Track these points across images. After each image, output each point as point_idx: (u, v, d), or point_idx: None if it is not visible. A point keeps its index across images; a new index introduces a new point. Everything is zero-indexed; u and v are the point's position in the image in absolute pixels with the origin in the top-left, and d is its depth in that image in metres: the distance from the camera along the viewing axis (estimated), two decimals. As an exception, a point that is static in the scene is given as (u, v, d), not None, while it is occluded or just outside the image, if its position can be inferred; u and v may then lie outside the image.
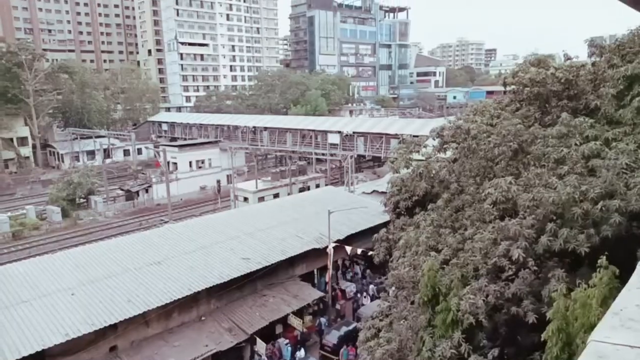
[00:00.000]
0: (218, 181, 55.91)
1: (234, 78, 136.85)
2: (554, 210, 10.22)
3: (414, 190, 16.23)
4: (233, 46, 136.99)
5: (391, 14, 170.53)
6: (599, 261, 7.44)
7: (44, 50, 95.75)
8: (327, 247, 23.01)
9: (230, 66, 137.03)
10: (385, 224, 22.47)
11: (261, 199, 42.01)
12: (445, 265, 11.59)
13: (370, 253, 20.56)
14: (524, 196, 10.70)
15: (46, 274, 19.24)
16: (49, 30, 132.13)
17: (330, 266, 23.32)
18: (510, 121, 14.07)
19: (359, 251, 23.23)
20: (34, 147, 74.77)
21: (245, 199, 43.83)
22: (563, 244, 9.45)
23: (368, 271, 29.02)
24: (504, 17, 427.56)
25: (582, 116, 12.99)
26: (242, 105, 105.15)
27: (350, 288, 26.84)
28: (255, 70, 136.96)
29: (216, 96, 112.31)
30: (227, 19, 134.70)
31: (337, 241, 23.67)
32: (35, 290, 17.94)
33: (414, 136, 20.99)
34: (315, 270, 25.95)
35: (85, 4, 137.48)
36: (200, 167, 59.48)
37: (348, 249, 22.99)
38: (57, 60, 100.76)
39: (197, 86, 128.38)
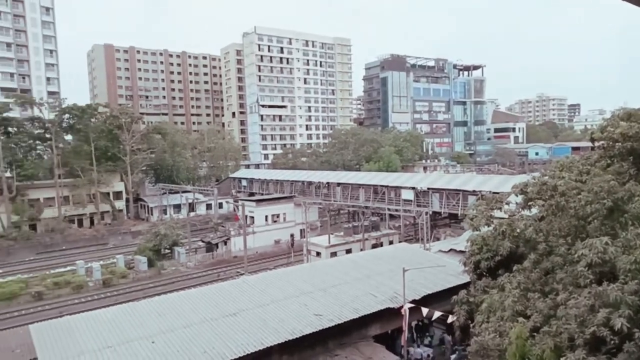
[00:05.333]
0: (292, 235, 56.82)
1: (309, 136, 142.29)
2: (663, 275, 9.18)
3: (496, 250, 15.40)
4: (309, 107, 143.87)
5: (465, 72, 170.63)
6: None
7: (141, 113, 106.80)
8: (402, 307, 22.08)
9: (306, 125, 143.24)
10: (465, 285, 21.28)
11: (333, 254, 41.83)
12: (535, 333, 10.66)
13: (450, 319, 19.42)
14: (624, 259, 9.76)
15: (130, 321, 20.20)
16: (146, 97, 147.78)
17: (405, 328, 22.24)
18: (601, 177, 13.16)
19: (436, 314, 22.00)
20: (127, 200, 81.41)
21: (318, 253, 43.90)
22: (677, 315, 8.37)
23: (445, 336, 27.25)
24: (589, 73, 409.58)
25: (688, 172, 11.85)
26: (316, 162, 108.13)
27: (426, 354, 25.25)
28: (330, 128, 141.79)
29: (292, 154, 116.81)
30: (305, 82, 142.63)
31: (413, 301, 22.67)
32: (120, 336, 18.83)
33: (494, 193, 20.16)
34: (389, 332, 24.88)
35: (179, 73, 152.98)
36: (275, 221, 61.05)
37: (424, 310, 21.88)
38: (152, 122, 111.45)
39: (275, 144, 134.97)
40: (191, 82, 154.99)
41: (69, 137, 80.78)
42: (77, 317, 20.95)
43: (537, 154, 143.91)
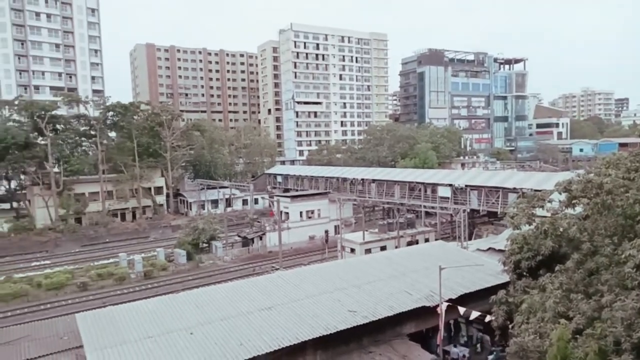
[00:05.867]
0: (326, 231, 56.93)
1: (344, 132, 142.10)
2: None
3: (537, 249, 14.91)
4: (344, 103, 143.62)
5: (506, 66, 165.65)
6: None
7: (181, 111, 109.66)
8: (437, 305, 21.76)
9: (341, 121, 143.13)
10: (503, 285, 20.74)
11: (368, 251, 41.64)
12: (578, 336, 10.26)
13: (488, 318, 18.97)
14: (677, 261, 9.23)
15: (169, 312, 20.81)
16: (186, 94, 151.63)
17: (441, 327, 21.91)
18: (653, 175, 12.49)
19: (474, 313, 21.55)
20: (167, 195, 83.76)
21: (352, 250, 43.81)
22: None
23: (483, 336, 26.67)
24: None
25: None
26: (351, 159, 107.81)
27: (462, 354, 24.80)
28: (365, 124, 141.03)
29: (327, 150, 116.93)
30: (340, 78, 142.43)
31: (449, 300, 22.28)
32: (160, 327, 19.43)
33: (536, 191, 19.51)
34: (424, 330, 24.57)
35: (217, 71, 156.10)
36: (310, 217, 61.34)
37: (461, 309, 21.48)
38: (191, 119, 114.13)
39: (310, 141, 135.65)
40: (229, 79, 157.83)
41: (112, 134, 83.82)
42: (120, 308, 21.81)
43: (581, 150, 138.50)
